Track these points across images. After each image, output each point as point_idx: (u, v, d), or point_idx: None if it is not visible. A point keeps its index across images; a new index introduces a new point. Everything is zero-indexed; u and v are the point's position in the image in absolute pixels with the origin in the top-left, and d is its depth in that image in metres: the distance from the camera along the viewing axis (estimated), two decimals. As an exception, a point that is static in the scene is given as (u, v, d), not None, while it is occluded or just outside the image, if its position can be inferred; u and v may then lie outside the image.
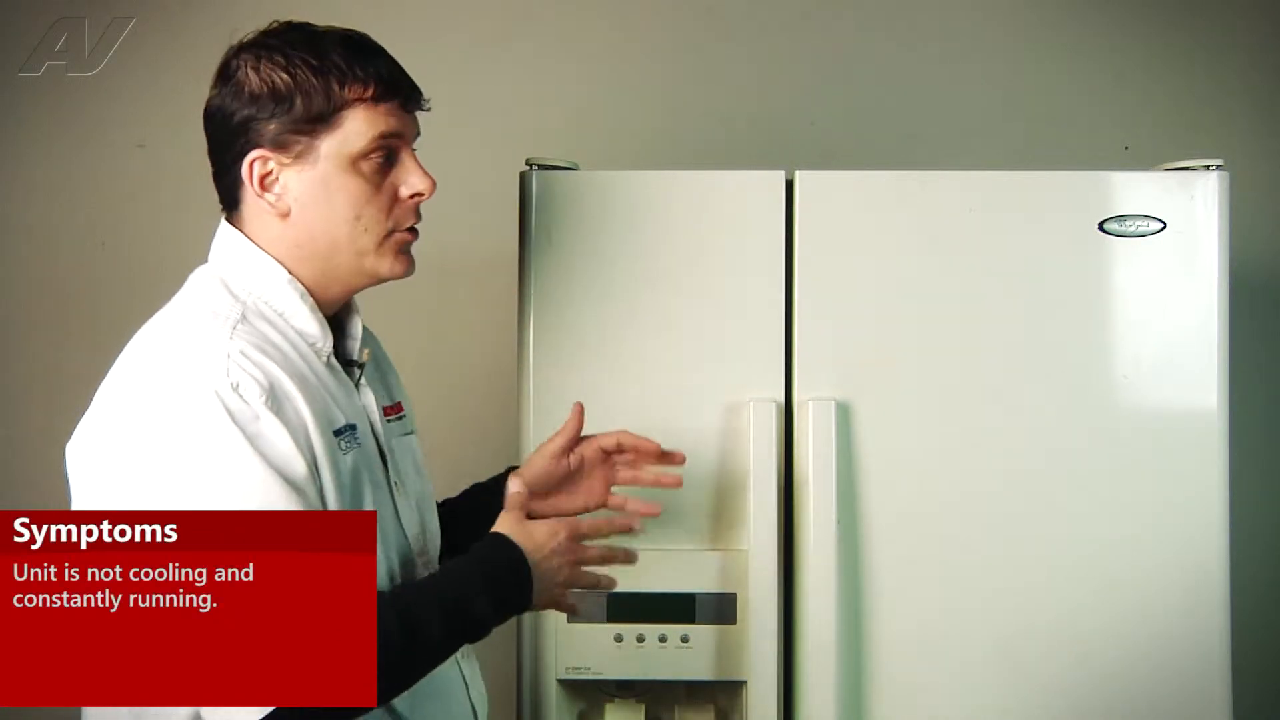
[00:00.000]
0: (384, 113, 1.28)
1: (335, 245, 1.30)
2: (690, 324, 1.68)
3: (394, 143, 1.30)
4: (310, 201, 1.28)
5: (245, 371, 1.20)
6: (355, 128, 1.27)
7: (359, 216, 1.29)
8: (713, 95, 2.36)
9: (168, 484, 1.17)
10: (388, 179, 1.30)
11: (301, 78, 1.27)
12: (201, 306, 1.28)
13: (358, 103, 1.27)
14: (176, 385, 1.19)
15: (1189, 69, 2.36)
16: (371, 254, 1.31)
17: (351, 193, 1.28)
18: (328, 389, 1.29)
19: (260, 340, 1.24)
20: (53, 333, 2.33)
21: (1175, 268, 1.66)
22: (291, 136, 1.27)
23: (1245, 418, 1.83)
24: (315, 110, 1.26)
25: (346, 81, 1.27)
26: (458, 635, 1.26)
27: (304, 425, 1.22)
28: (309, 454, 1.21)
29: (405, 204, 1.32)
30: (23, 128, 2.35)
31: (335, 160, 1.27)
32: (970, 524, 1.66)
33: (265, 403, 1.19)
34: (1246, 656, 1.82)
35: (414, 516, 1.39)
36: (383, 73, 1.29)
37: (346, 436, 1.28)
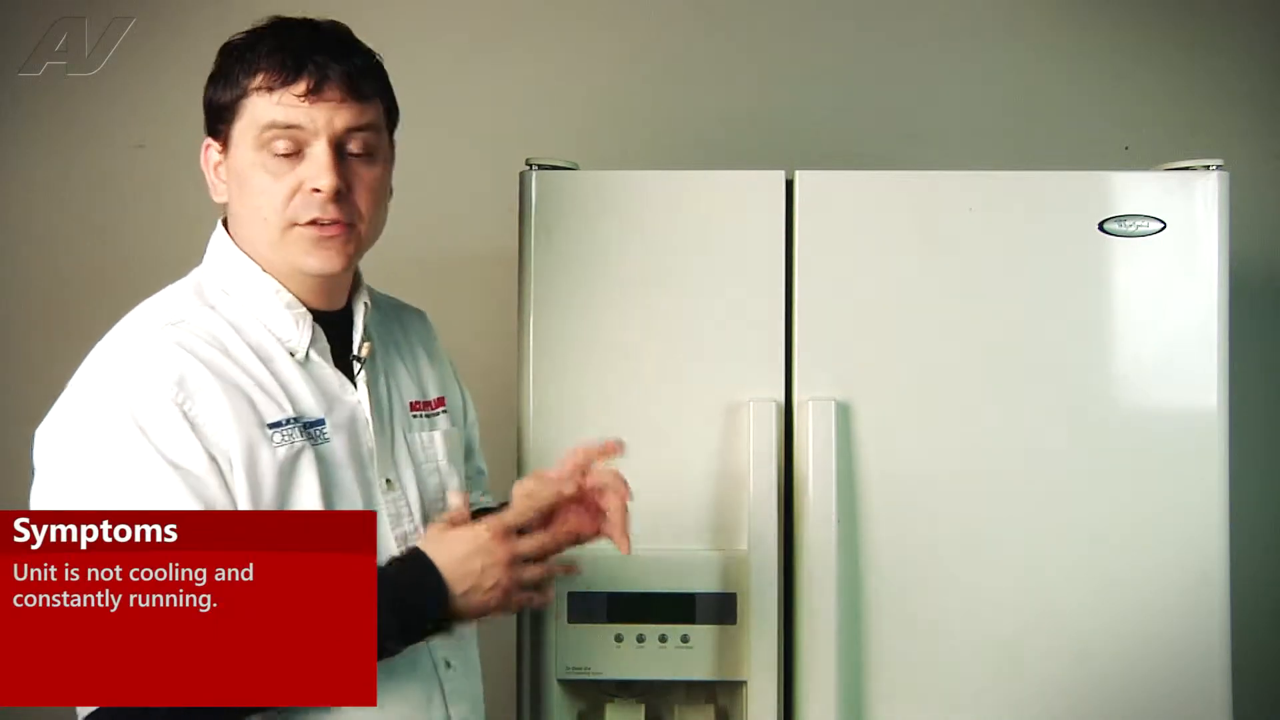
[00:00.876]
0: (276, 102, 1.27)
1: (254, 235, 1.32)
2: (690, 324, 1.68)
3: (296, 134, 1.27)
4: (233, 189, 1.32)
5: (156, 364, 1.23)
6: (250, 116, 1.28)
7: (259, 207, 1.29)
8: (713, 95, 2.36)
9: (78, 475, 1.21)
10: (295, 171, 1.28)
11: (224, 67, 1.30)
12: (152, 307, 1.32)
13: (254, 91, 1.28)
14: (94, 381, 1.24)
15: (1189, 69, 2.36)
16: (279, 245, 1.30)
17: (254, 183, 1.29)
18: (282, 384, 1.29)
19: (193, 339, 1.27)
20: (52, 332, 2.33)
21: (1175, 268, 1.66)
22: (216, 125, 1.31)
23: (1245, 418, 1.83)
24: (224, 99, 1.30)
25: (249, 70, 1.28)
26: None
27: (215, 420, 1.23)
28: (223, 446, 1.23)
29: (307, 196, 1.28)
30: (23, 128, 2.35)
31: (242, 150, 1.29)
32: (970, 524, 1.66)
33: (173, 396, 1.22)
34: (1246, 656, 1.82)
35: (411, 514, 1.37)
36: (285, 60, 1.27)
37: (285, 430, 1.27)
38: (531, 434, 1.68)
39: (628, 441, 1.66)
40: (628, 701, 1.70)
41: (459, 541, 1.26)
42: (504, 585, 1.26)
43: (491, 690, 1.50)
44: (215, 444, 1.23)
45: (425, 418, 1.44)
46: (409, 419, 1.42)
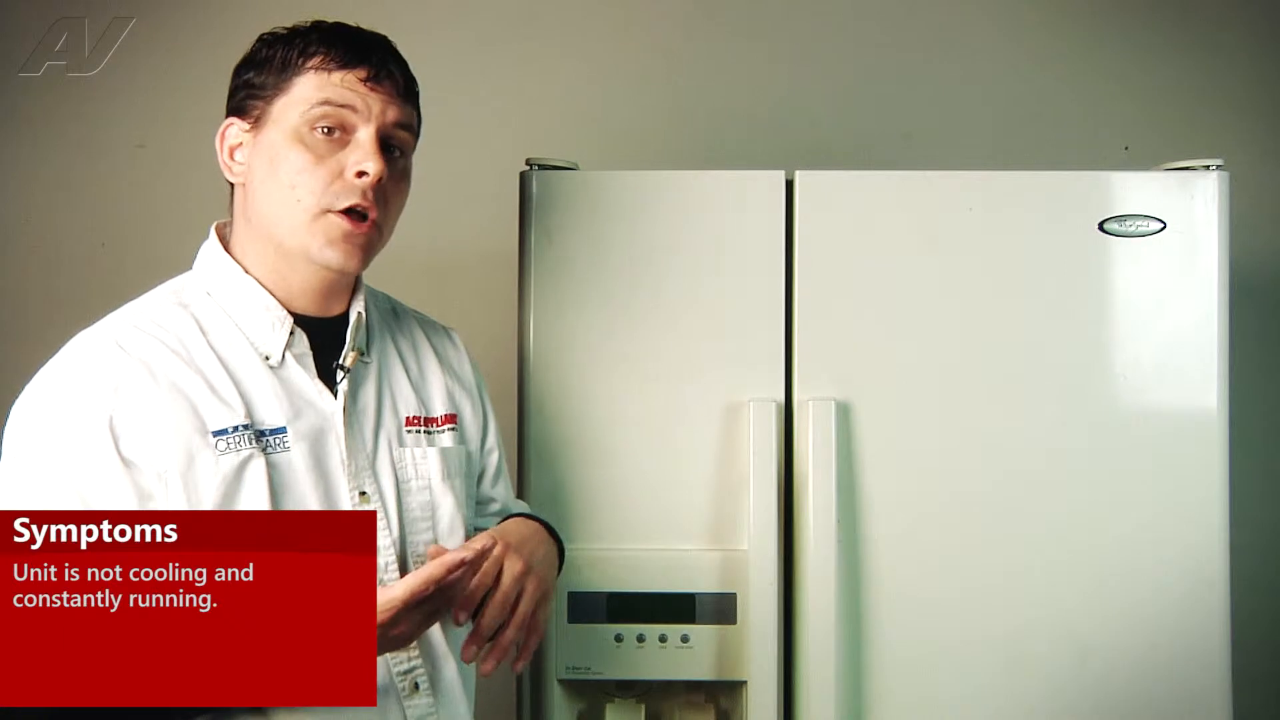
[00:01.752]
0: (336, 81, 1.27)
1: (274, 218, 1.29)
2: (690, 324, 1.68)
3: (344, 114, 1.27)
4: (259, 169, 1.29)
5: (96, 369, 1.24)
6: (302, 92, 1.27)
7: (294, 186, 1.27)
8: (713, 95, 2.36)
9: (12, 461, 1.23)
10: (336, 156, 1.27)
11: (270, 50, 1.30)
12: (128, 306, 1.34)
13: (310, 69, 1.28)
14: (41, 376, 1.27)
15: (1189, 69, 2.36)
16: (304, 231, 1.27)
17: (291, 161, 1.27)
18: (241, 390, 1.28)
19: (151, 342, 1.27)
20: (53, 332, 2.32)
21: (1175, 268, 1.66)
22: (250, 102, 1.30)
23: (1245, 418, 1.83)
24: (272, 75, 1.28)
25: (306, 49, 1.28)
26: None
27: (152, 427, 1.23)
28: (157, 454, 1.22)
29: (348, 182, 1.27)
30: (23, 128, 2.35)
31: (281, 126, 1.28)
32: (970, 524, 1.66)
33: (103, 402, 1.22)
34: (1246, 656, 1.82)
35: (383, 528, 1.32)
36: (349, 45, 1.28)
37: (232, 437, 1.25)
38: (531, 434, 1.68)
39: (628, 441, 1.67)
40: (628, 701, 1.70)
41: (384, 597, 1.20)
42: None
43: (491, 690, 1.50)
44: (144, 453, 1.22)
45: (423, 433, 1.40)
46: (401, 433, 1.38)
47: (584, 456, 1.67)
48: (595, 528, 1.64)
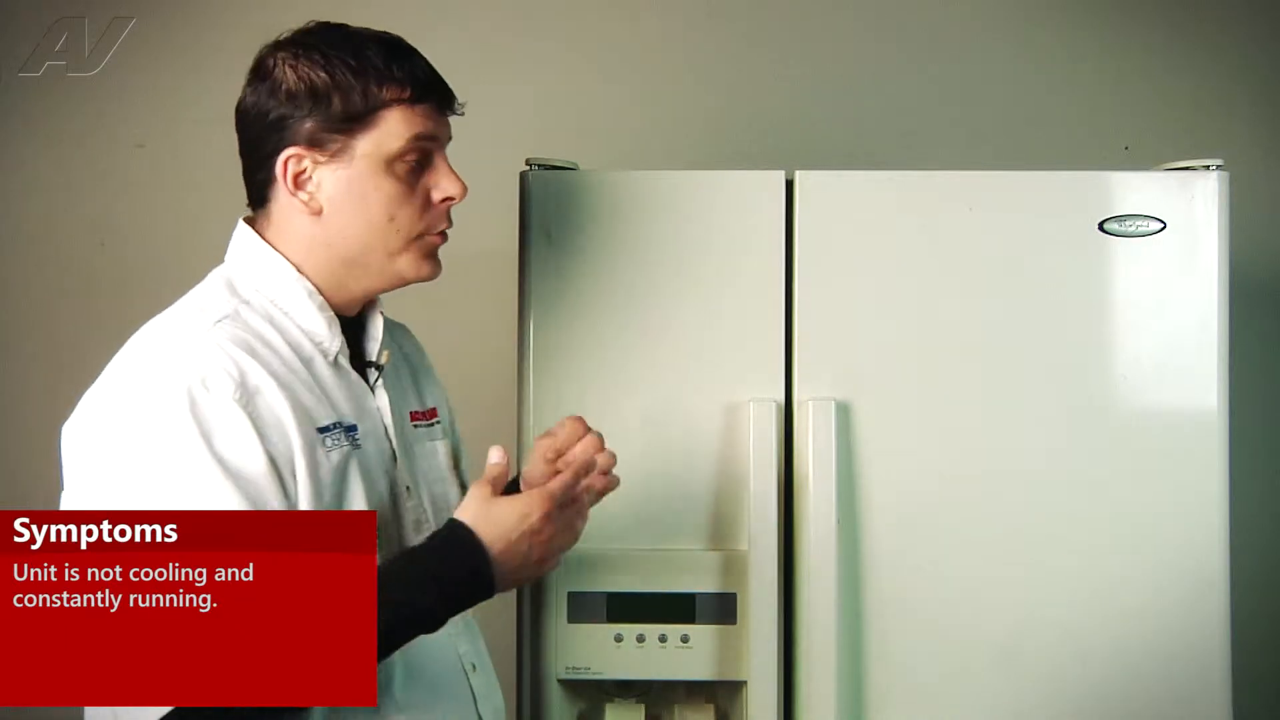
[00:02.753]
0: (420, 114, 1.29)
1: (366, 246, 1.30)
2: (690, 324, 1.68)
3: (429, 145, 1.31)
4: (344, 201, 1.29)
5: (216, 364, 1.20)
6: (392, 128, 1.28)
7: (393, 218, 1.29)
8: (713, 95, 2.36)
9: (125, 472, 1.18)
10: (420, 181, 1.31)
11: (340, 77, 1.27)
12: (194, 304, 1.29)
13: (395, 103, 1.28)
14: (148, 376, 1.21)
15: (1189, 69, 2.36)
16: (400, 255, 1.31)
17: (386, 194, 1.29)
18: (323, 387, 1.29)
19: (246, 336, 1.25)
20: (53, 333, 2.33)
21: (1175, 268, 1.66)
22: (328, 135, 1.27)
23: (1245, 418, 1.83)
24: (353, 109, 1.27)
25: (385, 82, 1.27)
26: (402, 631, 1.22)
27: (277, 420, 1.22)
28: (283, 449, 1.21)
29: (437, 208, 1.33)
30: (23, 128, 2.35)
31: (370, 160, 1.28)
32: (970, 524, 1.66)
33: (234, 395, 1.19)
34: (1246, 656, 1.82)
35: (429, 523, 1.37)
36: (419, 74, 1.30)
37: (334, 434, 1.27)
38: (531, 434, 1.68)
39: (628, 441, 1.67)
40: (628, 701, 1.70)
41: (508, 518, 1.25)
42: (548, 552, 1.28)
43: (491, 690, 1.50)
44: (277, 446, 1.21)
45: (426, 427, 1.44)
46: (412, 429, 1.42)
47: (584, 456, 1.67)
48: (595, 528, 1.63)
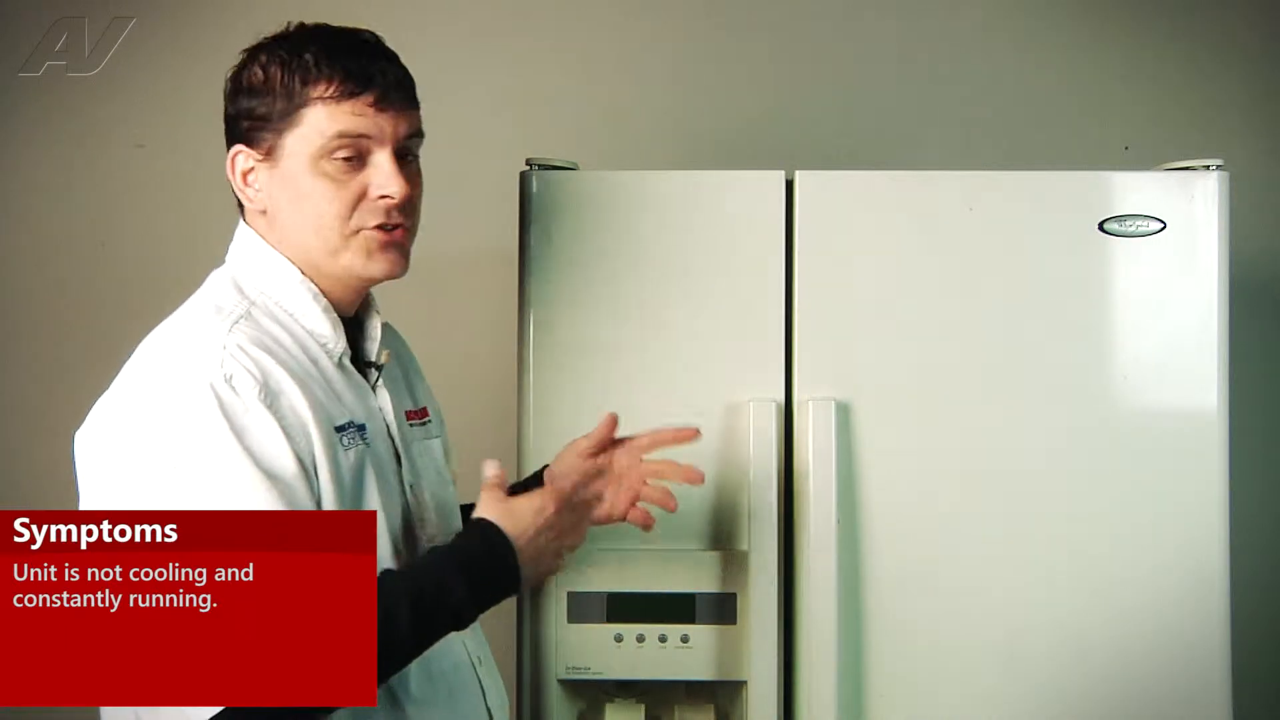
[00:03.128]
0: (346, 111, 1.26)
1: (307, 244, 1.30)
2: (690, 324, 1.68)
3: (361, 143, 1.27)
4: (281, 199, 1.29)
5: (239, 364, 1.20)
6: (315, 125, 1.26)
7: (320, 215, 1.28)
8: (713, 95, 2.36)
9: (155, 475, 1.17)
10: (357, 178, 1.28)
11: (272, 74, 1.27)
12: (208, 304, 1.29)
13: (319, 100, 1.26)
14: (171, 378, 1.20)
15: (1189, 69, 2.36)
16: (343, 253, 1.29)
17: (316, 192, 1.27)
18: (333, 387, 1.29)
19: (262, 336, 1.25)
20: (53, 333, 2.33)
21: (1175, 268, 1.66)
22: (260, 134, 1.28)
23: (1245, 418, 1.83)
24: (279, 107, 1.27)
25: (310, 78, 1.26)
26: (433, 626, 1.24)
27: (300, 420, 1.22)
28: (306, 448, 1.21)
29: (373, 204, 1.28)
30: (23, 128, 2.35)
31: (298, 159, 1.27)
32: (970, 524, 1.66)
33: (259, 395, 1.19)
34: (1246, 656, 1.82)
35: (432, 520, 1.38)
36: (351, 69, 1.27)
37: (349, 434, 1.27)
38: (531, 434, 1.68)
39: (628, 441, 1.67)
40: (628, 701, 1.70)
41: (526, 514, 1.30)
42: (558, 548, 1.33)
43: (491, 690, 1.50)
44: (302, 446, 1.21)
45: (421, 426, 1.45)
46: (409, 428, 1.42)
47: (584, 456, 1.67)
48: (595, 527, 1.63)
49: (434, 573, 1.24)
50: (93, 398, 1.26)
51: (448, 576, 1.23)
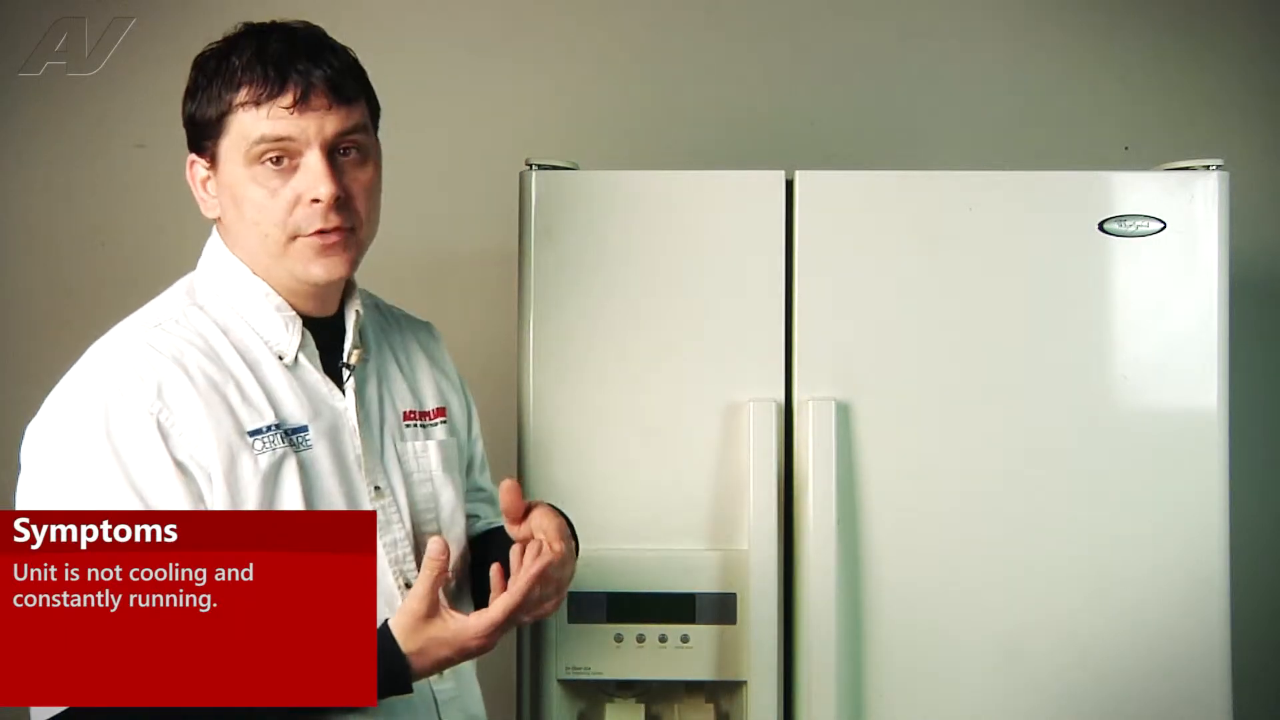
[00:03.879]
0: (266, 116, 1.25)
1: (253, 249, 1.30)
2: (690, 324, 1.68)
3: (286, 145, 1.26)
4: (226, 206, 1.30)
5: (135, 372, 1.23)
6: (240, 131, 1.26)
7: (257, 222, 1.28)
8: (713, 95, 2.36)
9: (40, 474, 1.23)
10: (290, 183, 1.26)
11: (204, 82, 1.28)
12: (147, 310, 1.32)
13: (239, 106, 1.26)
14: (74, 384, 1.25)
15: (1189, 69, 2.36)
16: (285, 258, 1.29)
17: (249, 199, 1.27)
18: (267, 390, 1.29)
19: (178, 342, 1.27)
20: (52, 333, 2.33)
21: (1175, 268, 1.66)
22: (200, 142, 1.30)
23: (1245, 418, 1.83)
24: (208, 115, 1.28)
25: (233, 85, 1.26)
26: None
27: (193, 428, 1.23)
28: (198, 454, 1.22)
29: (306, 208, 1.26)
30: (23, 128, 2.35)
31: (231, 165, 1.28)
32: (970, 524, 1.66)
33: (148, 406, 1.22)
34: (1246, 656, 1.82)
35: (396, 521, 1.35)
36: (269, 72, 1.25)
37: (267, 437, 1.26)
38: (531, 433, 1.68)
39: (628, 441, 1.67)
40: (628, 701, 1.70)
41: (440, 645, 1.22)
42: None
43: (491, 690, 1.50)
44: (191, 455, 1.22)
45: (420, 427, 1.42)
46: (401, 427, 1.40)
47: (584, 456, 1.67)
48: (595, 528, 1.63)
49: None
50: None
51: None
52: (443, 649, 1.23)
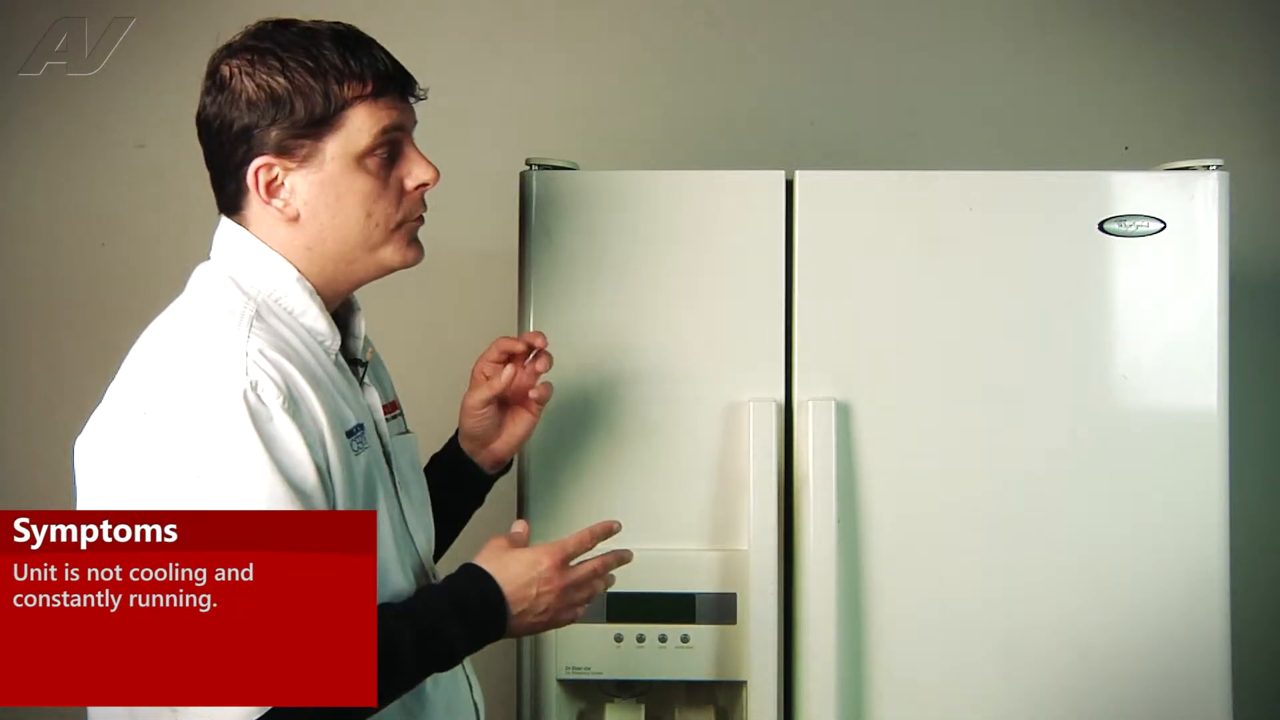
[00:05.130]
0: (384, 107, 1.27)
1: (347, 243, 1.29)
2: (690, 324, 1.68)
3: (396, 135, 1.29)
4: (320, 204, 1.27)
5: (263, 371, 1.18)
6: (358, 125, 1.26)
7: (370, 214, 1.28)
8: (713, 95, 2.36)
9: (177, 484, 1.15)
10: (392, 172, 1.29)
11: (300, 80, 1.24)
12: (215, 304, 1.26)
13: (358, 100, 1.25)
14: (196, 383, 1.17)
15: (1189, 69, 2.36)
16: (383, 246, 1.30)
17: (361, 191, 1.27)
18: (338, 388, 1.28)
19: (275, 339, 1.23)
20: (53, 333, 2.33)
21: (1175, 268, 1.66)
22: (295, 141, 1.25)
23: (1245, 418, 1.83)
24: (317, 112, 1.24)
25: (345, 79, 1.25)
26: (429, 662, 1.25)
27: (319, 428, 1.21)
28: (322, 458, 1.20)
29: (412, 195, 1.31)
30: (23, 128, 2.35)
31: (341, 161, 1.26)
32: (970, 524, 1.66)
33: (282, 405, 1.18)
34: (1246, 656, 1.82)
35: (419, 519, 1.39)
36: (380, 66, 1.27)
37: (357, 437, 1.27)
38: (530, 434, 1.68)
39: (628, 441, 1.67)
40: (628, 701, 1.70)
41: (519, 564, 1.30)
42: (554, 609, 1.31)
43: (491, 690, 1.50)
44: (319, 456, 1.20)
45: (396, 419, 1.44)
46: (388, 423, 1.40)
47: (584, 456, 1.67)
48: (595, 527, 1.64)
49: (432, 615, 1.25)
50: (93, 397, 1.25)
51: (445, 619, 1.24)
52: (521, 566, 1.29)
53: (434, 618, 1.24)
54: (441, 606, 1.25)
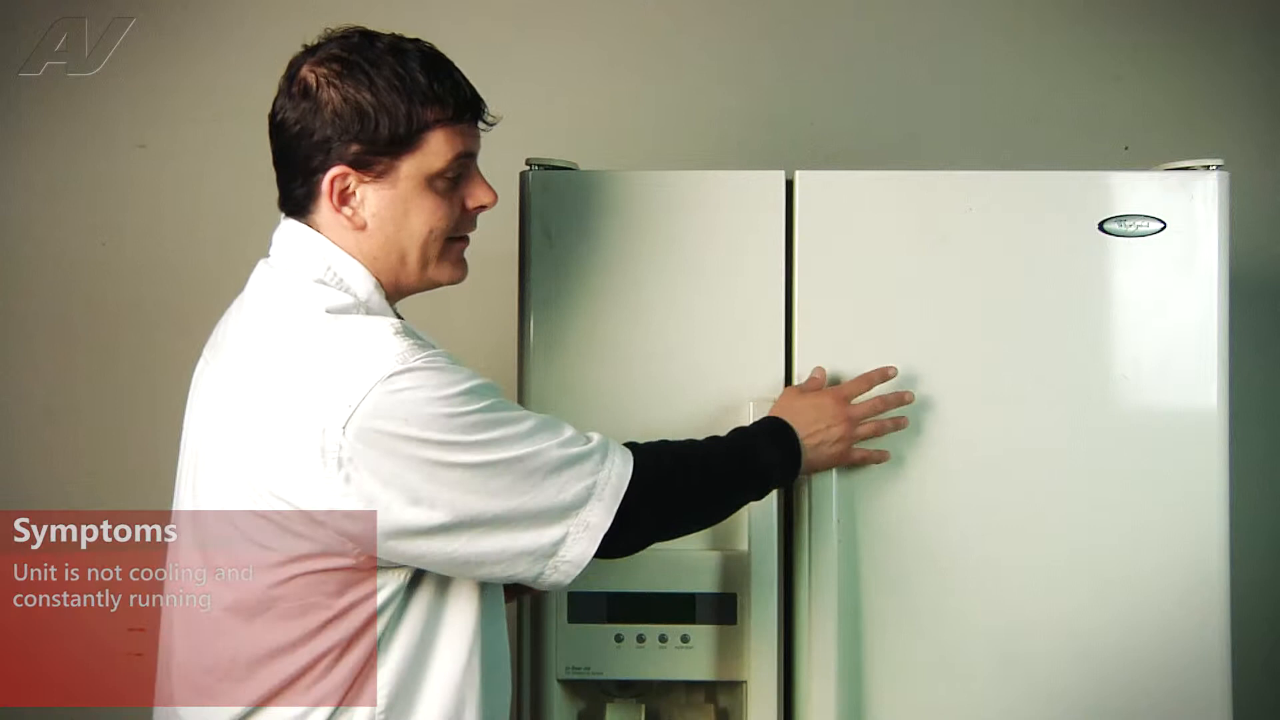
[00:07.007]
0: (461, 132, 1.31)
1: (406, 256, 1.32)
2: (690, 324, 1.68)
3: (468, 160, 1.33)
4: (388, 216, 1.30)
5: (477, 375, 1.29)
6: (436, 149, 1.29)
7: (432, 230, 1.32)
8: (713, 95, 2.36)
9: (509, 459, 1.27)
10: (456, 192, 1.33)
11: (386, 99, 1.27)
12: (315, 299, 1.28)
13: (438, 124, 1.29)
14: (437, 389, 1.23)
15: (1189, 69, 2.36)
16: (434, 263, 1.34)
17: (427, 209, 1.31)
18: None
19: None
20: (53, 332, 2.33)
21: (1175, 268, 1.66)
22: (374, 158, 1.28)
23: (1245, 418, 1.83)
24: (398, 132, 1.27)
25: (428, 103, 1.28)
26: (743, 477, 1.45)
27: None
28: None
29: (469, 214, 1.36)
30: (23, 128, 2.35)
31: (414, 180, 1.29)
32: (970, 524, 1.66)
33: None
34: (1246, 656, 1.82)
35: None
36: (461, 92, 1.31)
37: None
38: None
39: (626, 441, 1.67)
40: (628, 701, 1.70)
41: (804, 403, 1.54)
42: (846, 439, 1.55)
43: (491, 690, 1.50)
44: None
45: None
46: None
47: (584, 456, 1.67)
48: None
49: (749, 443, 1.46)
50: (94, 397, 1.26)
51: (758, 442, 1.46)
52: (811, 410, 1.53)
53: (746, 440, 1.46)
54: (749, 432, 1.48)
